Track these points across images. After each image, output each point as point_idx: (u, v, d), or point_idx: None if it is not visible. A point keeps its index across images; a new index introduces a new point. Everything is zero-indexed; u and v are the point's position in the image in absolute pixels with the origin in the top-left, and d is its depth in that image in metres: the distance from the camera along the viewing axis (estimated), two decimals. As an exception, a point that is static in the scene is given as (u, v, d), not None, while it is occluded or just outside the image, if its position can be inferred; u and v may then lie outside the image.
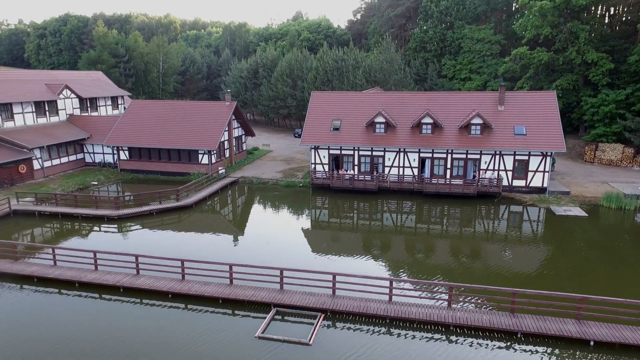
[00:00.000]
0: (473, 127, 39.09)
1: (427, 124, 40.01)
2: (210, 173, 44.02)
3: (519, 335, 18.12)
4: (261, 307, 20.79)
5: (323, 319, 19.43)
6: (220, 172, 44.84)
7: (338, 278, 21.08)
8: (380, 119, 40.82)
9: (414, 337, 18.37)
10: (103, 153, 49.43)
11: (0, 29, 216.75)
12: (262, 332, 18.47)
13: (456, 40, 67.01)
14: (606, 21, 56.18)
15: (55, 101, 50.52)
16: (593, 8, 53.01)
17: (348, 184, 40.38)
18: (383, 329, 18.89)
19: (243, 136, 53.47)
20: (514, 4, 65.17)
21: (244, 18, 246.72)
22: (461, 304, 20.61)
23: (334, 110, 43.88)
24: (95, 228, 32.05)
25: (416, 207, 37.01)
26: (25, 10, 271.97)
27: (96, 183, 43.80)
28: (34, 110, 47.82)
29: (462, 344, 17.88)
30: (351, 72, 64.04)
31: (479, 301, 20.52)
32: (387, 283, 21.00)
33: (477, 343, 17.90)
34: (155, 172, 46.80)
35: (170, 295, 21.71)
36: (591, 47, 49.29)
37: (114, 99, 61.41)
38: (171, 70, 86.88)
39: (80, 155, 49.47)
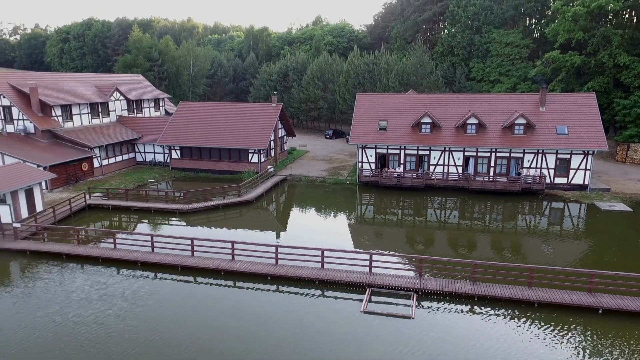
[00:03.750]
0: (517, 127, 41.04)
1: (471, 124, 41.99)
2: (261, 171, 46.17)
3: (599, 312, 20.04)
4: (351, 287, 22.77)
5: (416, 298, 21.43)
6: (269, 170, 46.98)
7: (425, 262, 23.08)
8: (426, 120, 42.84)
9: (500, 314, 20.28)
10: (154, 152, 51.72)
11: (18, 34, 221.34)
12: (366, 308, 20.49)
13: (484, 44, 68.98)
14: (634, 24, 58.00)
15: (107, 103, 52.93)
16: (625, 13, 54.84)
17: (396, 181, 42.38)
18: (470, 307, 20.85)
19: (285, 136, 55.63)
20: (543, 9, 67.06)
21: (262, 22, 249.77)
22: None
23: (379, 111, 45.92)
24: (169, 220, 34.21)
25: (466, 203, 38.90)
26: (42, 15, 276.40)
27: (153, 180, 46.04)
28: (89, 111, 50.23)
29: (543, 319, 19.77)
30: (383, 75, 66.09)
31: (557, 283, 22.28)
32: (470, 266, 22.94)
33: (559, 319, 19.80)
34: (205, 170, 48.99)
35: (269, 278, 23.77)
36: (622, 51, 51.16)
37: (156, 101, 63.80)
38: (201, 73, 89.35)
39: (132, 155, 51.79)
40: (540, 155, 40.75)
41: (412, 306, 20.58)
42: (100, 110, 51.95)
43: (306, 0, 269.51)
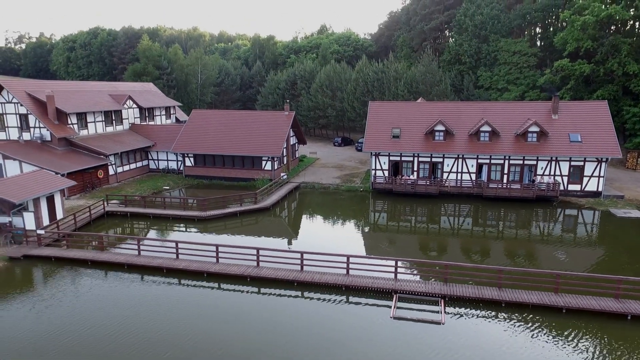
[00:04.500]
0: (530, 135, 41.39)
1: (485, 131, 42.35)
2: (274, 179, 46.48)
3: (628, 318, 20.21)
4: (377, 293, 22.93)
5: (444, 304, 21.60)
6: (282, 177, 47.27)
7: (450, 267, 23.30)
8: (440, 127, 43.21)
9: (528, 320, 20.41)
10: (167, 160, 52.07)
11: (23, 42, 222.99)
12: (395, 314, 20.66)
13: (492, 53, 69.56)
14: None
15: (121, 111, 53.38)
16: (633, 21, 55.44)
17: (410, 188, 42.65)
18: (498, 313, 21.00)
19: (296, 144, 56.00)
20: (550, 18, 67.81)
21: (267, 31, 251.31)
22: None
23: (392, 118, 46.29)
24: (188, 227, 34.43)
25: (480, 210, 39.10)
26: (47, 23, 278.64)
27: (168, 188, 46.33)
28: (103, 119, 50.66)
29: (571, 325, 19.91)
30: (392, 83, 66.62)
31: (583, 289, 22.44)
32: (496, 272, 23.09)
33: (587, 325, 19.95)
34: (219, 177, 49.30)
35: (295, 284, 23.96)
36: (631, 59, 51.66)
37: (167, 109, 64.31)
38: (208, 81, 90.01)
39: (145, 162, 52.12)
40: (553, 163, 41.06)
41: (441, 312, 20.76)
42: (114, 118, 52.38)
43: (311, 9, 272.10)
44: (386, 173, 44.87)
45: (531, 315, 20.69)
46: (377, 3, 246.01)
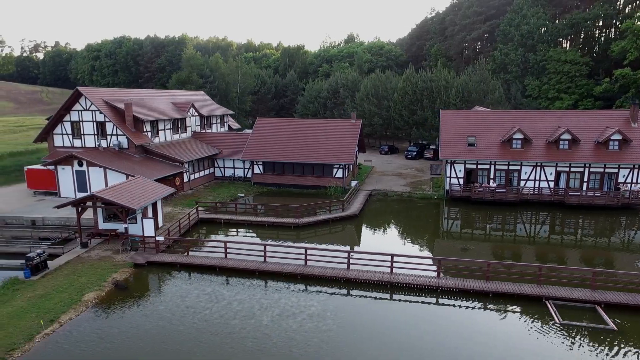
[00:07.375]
0: (612, 143, 41.56)
1: (564, 139, 42.53)
2: (345, 186, 46.54)
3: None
4: (524, 300, 22.90)
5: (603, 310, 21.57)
6: (353, 185, 47.37)
7: (598, 274, 23.31)
8: (518, 135, 43.40)
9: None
10: (234, 167, 52.22)
11: (39, 51, 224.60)
12: (561, 320, 20.64)
13: (539, 62, 69.99)
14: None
15: (185, 119, 53.66)
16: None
17: (489, 196, 42.72)
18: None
19: (357, 152, 56.17)
20: (603, 27, 68.39)
21: (293, 40, 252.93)
22: None
23: (465, 127, 46.48)
24: (285, 234, 34.44)
25: (564, 217, 39.10)
26: (62, 32, 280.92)
27: (242, 195, 46.42)
28: (171, 127, 50.93)
29: None
30: (443, 92, 66.97)
31: None
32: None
33: None
34: (287, 185, 49.39)
35: (438, 290, 23.95)
36: (695, 68, 52.09)
37: (222, 117, 64.64)
38: (247, 90, 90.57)
39: (211, 170, 52.27)
40: (636, 171, 41.18)
41: (606, 318, 20.72)
42: (179, 126, 52.65)
43: (337, 18, 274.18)
44: (461, 181, 44.97)
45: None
46: (401, 13, 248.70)
